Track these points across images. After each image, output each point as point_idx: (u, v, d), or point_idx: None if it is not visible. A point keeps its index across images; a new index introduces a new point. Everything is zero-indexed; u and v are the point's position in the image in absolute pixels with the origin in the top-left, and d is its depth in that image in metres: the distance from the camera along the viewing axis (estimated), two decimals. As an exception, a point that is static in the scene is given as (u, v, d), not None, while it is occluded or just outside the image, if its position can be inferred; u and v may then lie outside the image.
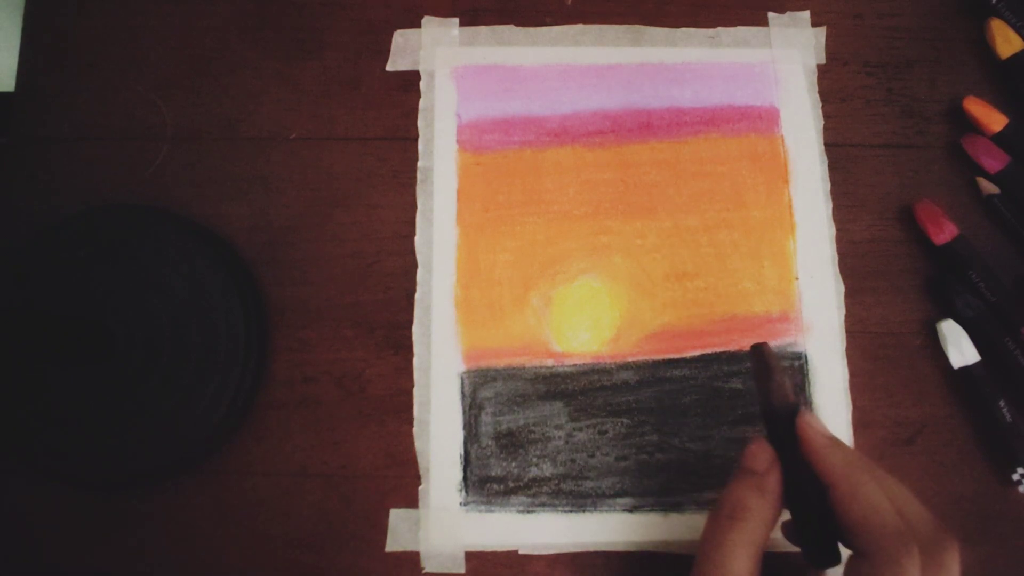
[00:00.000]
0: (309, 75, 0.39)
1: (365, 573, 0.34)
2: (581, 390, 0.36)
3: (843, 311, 0.36)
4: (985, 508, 0.34)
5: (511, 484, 0.35)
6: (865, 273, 0.37)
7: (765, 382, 0.28)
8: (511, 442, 0.35)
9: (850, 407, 0.35)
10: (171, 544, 0.34)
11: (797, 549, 0.29)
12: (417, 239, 0.37)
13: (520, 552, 0.34)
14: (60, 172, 0.38)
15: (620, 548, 0.34)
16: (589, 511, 0.34)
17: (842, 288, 0.37)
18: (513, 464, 0.35)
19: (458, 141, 0.38)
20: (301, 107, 0.39)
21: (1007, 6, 0.38)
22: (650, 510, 0.34)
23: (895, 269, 0.37)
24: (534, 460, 0.35)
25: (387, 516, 0.34)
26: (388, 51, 0.39)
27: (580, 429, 0.35)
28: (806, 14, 0.40)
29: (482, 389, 0.35)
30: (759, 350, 0.29)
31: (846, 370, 0.36)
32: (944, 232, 0.36)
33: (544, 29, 0.39)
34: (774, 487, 0.27)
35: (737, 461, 0.28)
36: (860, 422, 0.35)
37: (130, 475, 0.34)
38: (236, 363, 0.34)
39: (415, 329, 0.36)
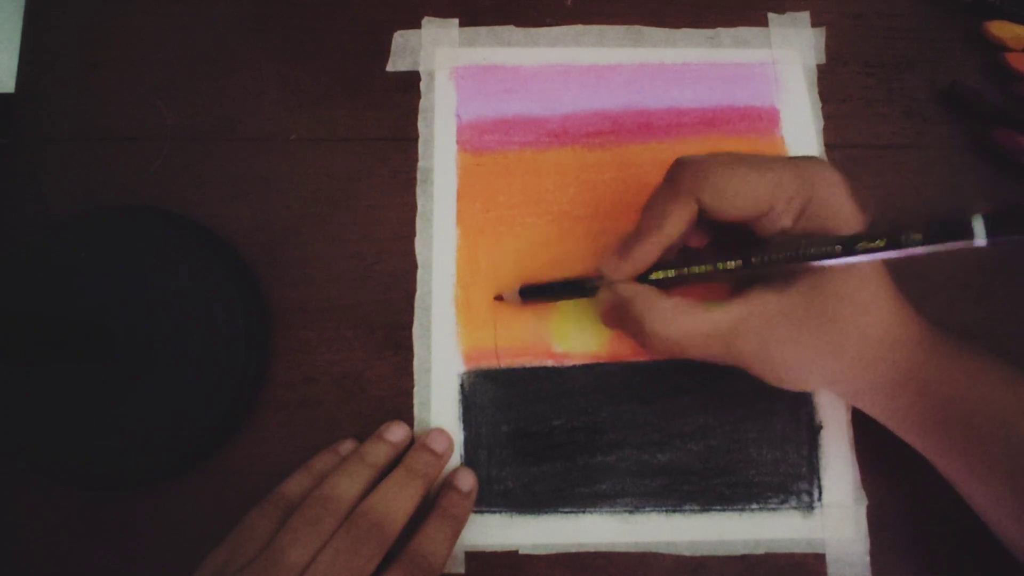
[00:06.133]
0: (309, 75, 0.39)
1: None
2: (581, 390, 0.36)
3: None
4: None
5: (511, 484, 0.35)
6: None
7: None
8: (511, 443, 0.35)
9: (849, 406, 0.35)
10: (171, 544, 0.34)
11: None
12: (417, 240, 0.37)
13: (520, 552, 0.34)
14: (60, 172, 0.38)
15: (620, 548, 0.34)
16: (589, 511, 0.34)
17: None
18: (513, 465, 0.35)
19: (458, 141, 0.38)
20: (301, 108, 0.39)
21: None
22: (651, 510, 0.34)
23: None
24: (534, 460, 0.35)
25: (387, 516, 0.34)
26: (388, 51, 0.39)
27: (580, 429, 0.35)
28: (806, 14, 0.40)
29: (482, 390, 0.36)
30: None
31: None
32: None
33: (544, 30, 0.39)
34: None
35: None
36: (859, 421, 0.35)
37: (130, 475, 0.34)
38: (236, 363, 0.34)
39: (415, 329, 0.36)
